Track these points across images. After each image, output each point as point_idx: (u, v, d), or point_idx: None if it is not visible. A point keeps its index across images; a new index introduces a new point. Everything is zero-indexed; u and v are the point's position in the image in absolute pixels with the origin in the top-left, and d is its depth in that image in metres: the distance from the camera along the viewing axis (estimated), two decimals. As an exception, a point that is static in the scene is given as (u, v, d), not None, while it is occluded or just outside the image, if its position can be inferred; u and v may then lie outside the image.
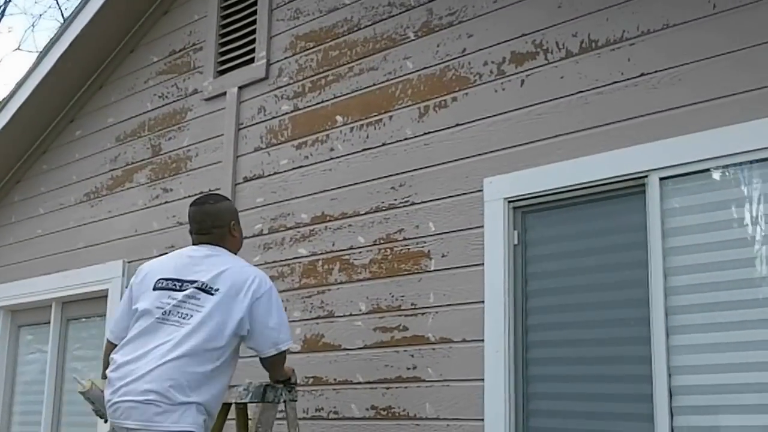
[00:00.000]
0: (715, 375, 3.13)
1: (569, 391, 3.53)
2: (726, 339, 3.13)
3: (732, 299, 3.14)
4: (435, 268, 4.01)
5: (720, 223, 3.23)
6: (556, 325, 3.61)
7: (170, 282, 3.49)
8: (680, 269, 3.28)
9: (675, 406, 3.19)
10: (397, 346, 4.08)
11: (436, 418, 3.86)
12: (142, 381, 3.25)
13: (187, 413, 3.27)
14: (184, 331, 3.34)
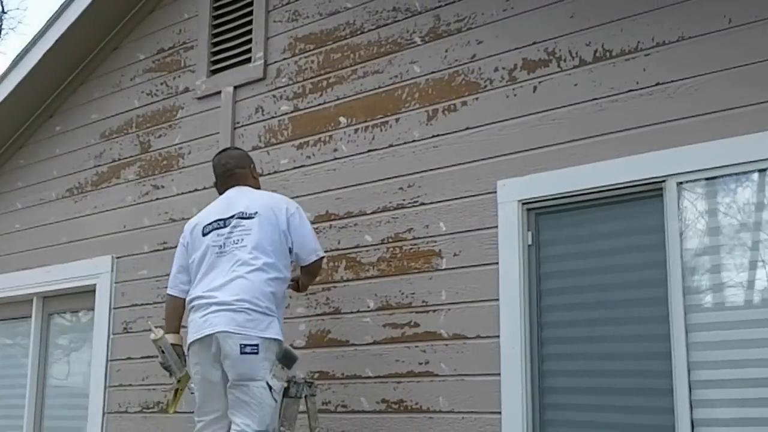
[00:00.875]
0: (734, 370, 3.18)
1: (584, 385, 3.55)
2: (744, 336, 3.19)
3: (748, 299, 3.21)
4: (447, 267, 3.98)
5: (736, 226, 3.29)
6: (571, 322, 3.62)
7: (215, 223, 3.83)
8: (698, 270, 3.33)
9: (695, 399, 3.24)
10: (408, 342, 4.04)
11: (451, 411, 3.84)
12: (228, 295, 3.59)
13: (273, 324, 3.62)
14: (241, 253, 3.68)
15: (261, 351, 3.57)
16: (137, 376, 5.17)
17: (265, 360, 3.59)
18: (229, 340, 3.55)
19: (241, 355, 3.53)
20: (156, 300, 5.17)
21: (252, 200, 3.85)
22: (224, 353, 3.57)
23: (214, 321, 3.59)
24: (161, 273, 5.16)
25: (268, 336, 3.59)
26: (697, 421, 3.23)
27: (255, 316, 3.58)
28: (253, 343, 3.55)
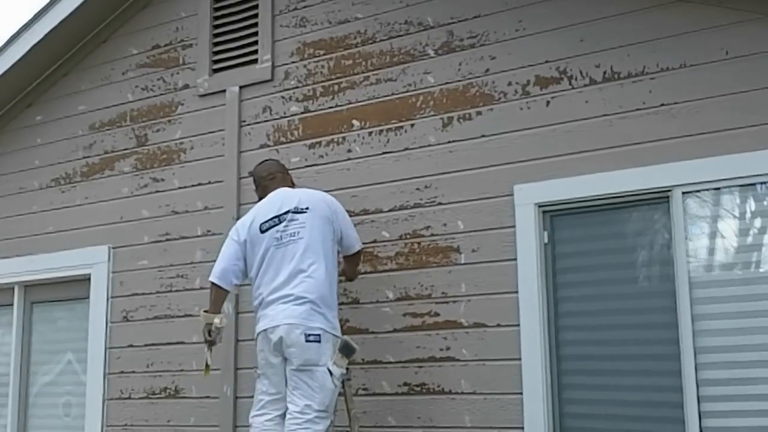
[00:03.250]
0: (736, 354, 3.80)
1: (598, 368, 4.11)
2: (745, 324, 3.80)
3: (748, 293, 3.83)
4: (466, 262, 4.45)
5: (735, 230, 3.91)
6: (585, 313, 4.17)
7: (271, 220, 4.27)
8: (702, 267, 3.94)
9: (701, 378, 3.84)
10: (428, 330, 4.50)
11: (473, 392, 4.33)
12: (291, 290, 4.07)
13: (332, 316, 4.12)
14: (300, 245, 4.15)
15: (323, 340, 4.02)
16: (141, 363, 5.43)
17: (327, 348, 4.03)
18: (296, 330, 4.00)
19: (306, 342, 3.99)
20: (159, 289, 5.44)
21: (301, 197, 4.31)
22: (290, 342, 4.00)
23: (282, 314, 4.06)
24: (164, 263, 5.45)
25: (327, 329, 4.06)
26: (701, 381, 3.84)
27: (317, 309, 4.06)
28: (315, 333, 4.01)
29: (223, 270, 4.31)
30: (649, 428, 3.94)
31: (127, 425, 5.41)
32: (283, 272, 4.14)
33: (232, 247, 4.34)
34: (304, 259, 4.13)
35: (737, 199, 3.94)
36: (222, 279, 4.30)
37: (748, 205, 3.92)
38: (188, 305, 5.31)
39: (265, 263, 4.20)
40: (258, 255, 4.24)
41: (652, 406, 3.95)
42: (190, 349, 5.25)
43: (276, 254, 4.18)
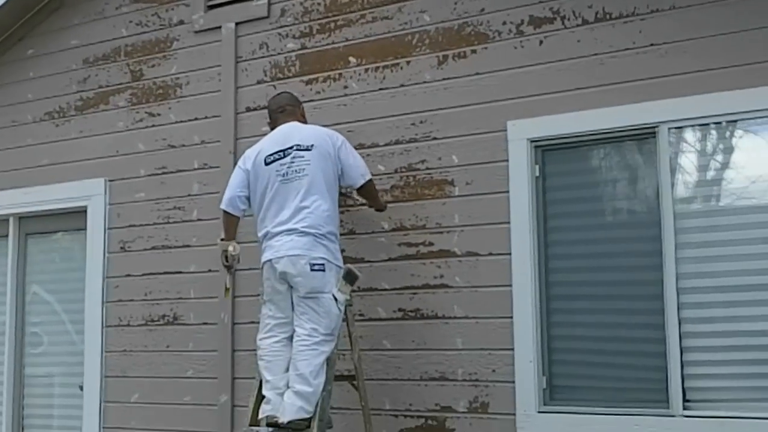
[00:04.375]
0: (716, 279, 3.98)
1: (585, 293, 4.27)
2: (725, 252, 3.98)
3: (728, 223, 4.00)
4: (459, 194, 4.56)
5: (717, 165, 4.06)
6: (573, 241, 4.32)
7: (276, 154, 4.32)
8: (686, 199, 4.10)
9: (682, 302, 4.02)
10: (423, 259, 4.62)
11: (465, 317, 4.47)
12: (296, 224, 4.15)
13: (334, 248, 4.23)
14: (304, 182, 4.21)
15: (327, 269, 4.14)
16: (139, 291, 5.49)
17: (331, 276, 4.15)
18: (301, 260, 4.11)
19: (311, 272, 4.10)
20: (156, 221, 5.49)
21: (307, 133, 4.35)
22: (296, 272, 4.11)
23: (287, 246, 4.16)
24: (161, 196, 5.49)
25: (331, 259, 4.17)
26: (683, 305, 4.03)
27: (319, 240, 4.17)
28: (319, 263, 4.12)
29: (230, 198, 4.39)
30: (633, 348, 4.12)
31: (126, 350, 5.49)
32: (288, 207, 4.21)
33: (239, 175, 4.41)
34: (308, 196, 4.21)
35: (720, 135, 4.09)
36: (230, 206, 4.38)
37: (730, 141, 4.07)
38: (186, 236, 5.37)
39: (270, 197, 4.27)
40: (262, 187, 4.30)
41: (637, 327, 4.12)
42: (188, 278, 5.33)
43: (281, 190, 4.25)
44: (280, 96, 4.70)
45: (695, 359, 3.97)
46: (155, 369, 5.38)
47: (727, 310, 3.95)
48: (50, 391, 5.96)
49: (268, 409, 4.18)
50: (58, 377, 5.93)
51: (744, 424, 3.79)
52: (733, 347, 3.92)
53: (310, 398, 4.09)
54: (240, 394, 5.02)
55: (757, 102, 3.93)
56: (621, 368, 4.15)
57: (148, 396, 5.38)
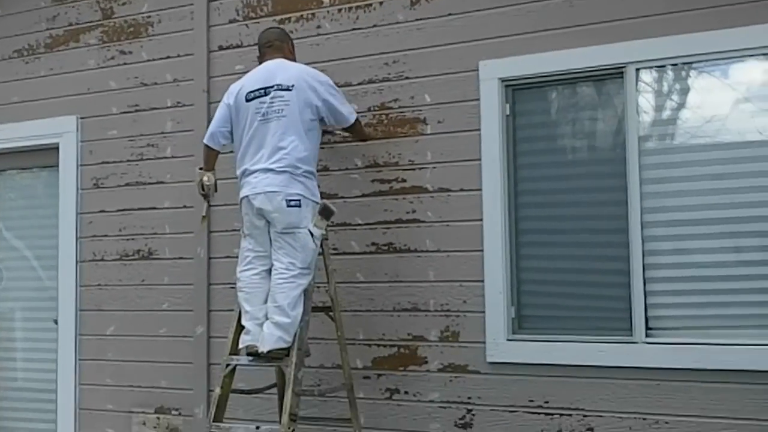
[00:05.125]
0: (678, 213, 4.05)
1: (554, 227, 4.32)
2: (686, 188, 4.05)
3: (690, 159, 4.07)
4: (432, 132, 4.55)
5: (681, 104, 4.11)
6: (542, 178, 4.35)
7: (257, 91, 4.23)
8: (651, 137, 4.15)
9: (646, 235, 4.09)
10: (395, 195, 4.62)
11: (437, 250, 4.50)
12: (273, 162, 4.10)
13: (311, 185, 4.18)
14: (282, 122, 4.14)
15: (303, 205, 4.10)
16: (113, 227, 5.41)
17: (307, 212, 4.13)
18: (277, 197, 4.07)
19: (288, 207, 4.06)
20: (130, 158, 5.38)
21: (290, 73, 4.24)
22: (273, 208, 4.07)
23: (263, 183, 4.11)
24: (134, 133, 5.39)
25: (307, 195, 4.14)
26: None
27: (295, 178, 4.12)
28: (295, 199, 4.09)
29: (212, 133, 4.34)
30: (598, 279, 4.20)
31: (101, 285, 5.43)
32: (266, 147, 4.15)
33: (222, 110, 4.34)
34: (285, 137, 4.14)
35: (685, 75, 4.13)
36: (211, 140, 4.33)
37: (694, 81, 4.11)
38: (160, 173, 5.28)
39: (249, 136, 4.20)
40: (242, 124, 4.24)
41: (602, 260, 4.19)
42: (162, 214, 5.26)
43: (260, 129, 4.18)
44: (269, 31, 4.57)
45: (657, 289, 4.06)
46: (130, 302, 5.33)
47: (687, 243, 4.04)
48: (23, 325, 5.88)
49: (248, 339, 4.18)
50: (28, 312, 5.85)
51: (702, 350, 3.90)
52: (693, 278, 4.01)
53: (288, 329, 4.09)
54: (216, 325, 5.02)
55: (722, 43, 3.97)
56: (587, 298, 4.23)
57: (124, 329, 5.34)
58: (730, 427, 3.83)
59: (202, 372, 5.05)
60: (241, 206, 4.23)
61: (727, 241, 3.95)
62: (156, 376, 5.22)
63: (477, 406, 4.36)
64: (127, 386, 5.30)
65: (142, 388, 5.26)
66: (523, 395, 4.26)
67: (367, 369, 4.62)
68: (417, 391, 4.50)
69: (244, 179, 4.21)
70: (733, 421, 3.83)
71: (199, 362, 5.06)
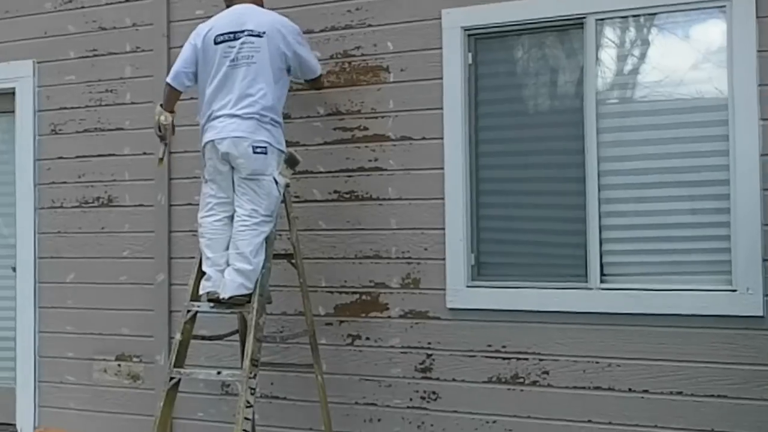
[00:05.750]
0: (634, 162, 4.15)
1: (514, 176, 4.38)
2: (643, 137, 4.14)
3: (646, 109, 4.16)
4: (394, 80, 4.57)
5: (640, 57, 4.18)
6: (503, 126, 4.41)
7: (227, 35, 4.19)
8: (609, 89, 4.23)
9: (602, 184, 4.18)
10: (358, 143, 4.64)
11: (399, 198, 4.55)
12: (240, 108, 4.09)
13: (278, 133, 4.18)
14: (252, 69, 4.13)
15: (269, 152, 4.11)
16: (72, 174, 5.37)
17: (272, 160, 4.14)
18: (243, 142, 4.07)
19: (254, 154, 4.07)
20: (88, 104, 5.32)
21: (261, 20, 4.21)
22: (238, 153, 4.07)
23: (230, 128, 4.10)
24: (92, 79, 5.32)
25: (273, 143, 4.15)
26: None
27: (262, 125, 4.13)
28: (262, 146, 4.09)
29: (176, 72, 4.28)
30: (555, 227, 4.29)
31: (60, 232, 5.40)
32: (233, 92, 4.13)
33: (188, 50, 4.29)
34: (254, 84, 4.13)
35: (644, 27, 4.19)
36: (175, 81, 4.28)
37: (655, 34, 4.17)
38: (119, 119, 5.24)
39: (217, 80, 4.16)
40: (209, 67, 4.20)
41: (560, 208, 4.28)
42: (122, 160, 5.23)
43: (228, 74, 4.15)
44: None
45: (612, 237, 4.17)
46: (90, 250, 5.32)
47: (641, 192, 4.13)
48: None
49: (209, 286, 4.21)
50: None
51: (654, 296, 4.03)
52: (646, 226, 4.12)
53: (250, 275, 4.13)
54: (177, 273, 5.04)
55: (682, -6, 4.04)
56: (544, 246, 4.32)
57: (84, 276, 5.33)
58: (679, 369, 3.98)
59: (163, 319, 5.08)
60: (204, 151, 4.22)
61: (681, 189, 4.06)
62: (117, 324, 5.24)
63: (437, 351, 4.46)
64: (88, 334, 5.32)
65: (103, 336, 5.28)
66: (481, 340, 4.36)
67: (329, 316, 4.69)
68: (378, 337, 4.58)
69: (208, 123, 4.20)
70: (682, 364, 3.97)
71: (160, 310, 5.09)
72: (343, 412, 4.60)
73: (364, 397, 4.59)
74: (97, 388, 5.29)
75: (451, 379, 4.41)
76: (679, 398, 3.97)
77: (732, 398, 3.87)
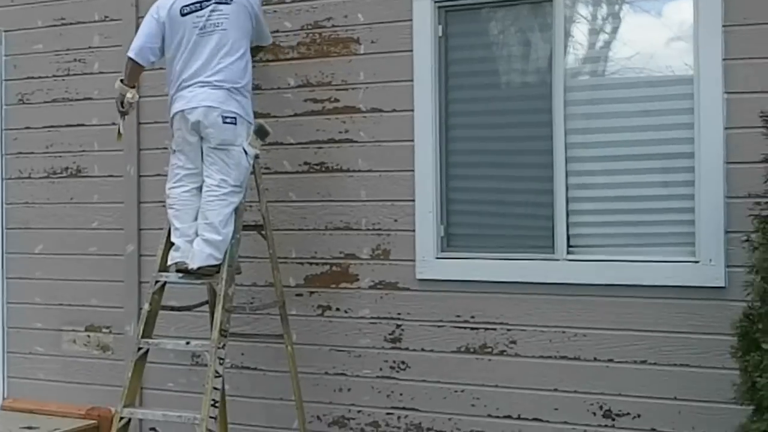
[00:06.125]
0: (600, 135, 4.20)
1: (483, 148, 4.43)
2: (610, 110, 4.20)
3: (613, 82, 4.23)
4: (365, 52, 4.58)
5: (609, 34, 4.24)
6: (472, 99, 4.45)
7: (193, 5, 4.19)
8: (578, 58, 4.30)
9: (569, 156, 4.23)
10: (328, 115, 4.66)
11: (369, 170, 4.58)
12: (211, 77, 4.10)
13: (247, 103, 4.20)
14: (221, 36, 4.14)
15: (238, 123, 4.12)
16: (40, 144, 5.34)
17: (242, 130, 4.15)
18: (213, 112, 4.08)
19: (224, 124, 4.08)
20: (56, 73, 5.30)
21: None
22: (208, 123, 4.08)
23: (200, 97, 4.10)
24: (60, 48, 5.30)
25: (242, 114, 4.16)
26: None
27: (232, 95, 4.14)
28: (232, 116, 4.10)
29: (141, 47, 4.25)
30: (523, 199, 4.35)
31: (28, 202, 5.38)
32: (203, 60, 4.13)
33: (151, 24, 4.25)
34: (224, 53, 4.13)
35: (614, 2, 4.22)
36: (139, 56, 4.24)
37: (623, 8, 4.21)
38: (87, 89, 5.21)
39: (187, 51, 4.15)
40: (177, 39, 4.18)
41: (527, 180, 4.33)
42: (90, 131, 5.20)
43: (199, 42, 4.14)
44: None
45: (579, 209, 4.22)
46: (59, 221, 5.30)
47: (608, 164, 4.18)
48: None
49: (177, 256, 4.22)
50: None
51: (620, 267, 4.09)
52: (612, 198, 4.18)
53: (219, 246, 4.15)
54: (147, 244, 5.04)
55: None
56: (512, 217, 4.38)
57: (53, 247, 5.32)
58: (642, 339, 4.06)
59: (133, 290, 5.09)
60: (173, 121, 4.22)
61: (647, 163, 4.11)
62: (86, 295, 5.24)
63: (406, 322, 4.51)
64: (57, 304, 5.32)
65: (72, 307, 5.28)
66: (450, 311, 4.42)
67: (299, 287, 4.72)
68: (348, 308, 4.62)
69: (177, 93, 4.18)
70: (646, 334, 4.05)
71: (130, 280, 5.10)
72: (313, 382, 4.65)
73: (333, 367, 4.64)
74: (66, 359, 5.30)
75: (420, 349, 4.47)
76: (643, 367, 4.06)
77: (694, 367, 3.96)
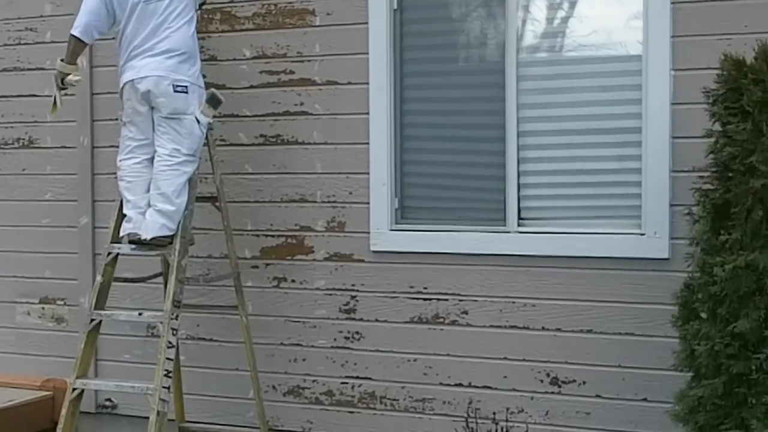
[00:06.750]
0: (551, 110, 4.28)
1: (436, 122, 4.50)
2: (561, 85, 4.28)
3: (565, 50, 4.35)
4: (320, 24, 4.61)
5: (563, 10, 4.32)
6: (427, 72, 4.51)
7: None
8: (530, 33, 4.37)
9: (521, 131, 4.32)
10: (284, 87, 4.69)
11: (325, 143, 4.62)
12: (161, 45, 4.09)
13: (197, 71, 4.22)
14: (168, 4, 4.13)
15: (190, 91, 4.14)
16: (-11, 114, 5.31)
17: (194, 99, 4.17)
18: (164, 81, 4.09)
19: (175, 93, 4.09)
20: (7, 42, 5.31)
21: None
22: (159, 92, 4.09)
23: (150, 66, 4.11)
24: (11, 16, 5.34)
25: (193, 81, 4.19)
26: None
27: (183, 62, 4.15)
28: (183, 84, 4.11)
29: (85, 24, 4.19)
30: (476, 173, 4.43)
31: (-22, 175, 5.36)
32: (151, 28, 4.13)
33: (95, 1, 4.19)
34: (171, 16, 4.14)
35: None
36: (84, 33, 4.19)
37: (574, -16, 4.31)
38: (39, 59, 5.17)
39: (133, 20, 4.15)
40: (124, 8, 4.16)
41: (480, 154, 4.42)
42: (43, 101, 5.13)
43: (145, 10, 4.14)
44: None
45: (530, 182, 4.32)
46: (11, 192, 5.28)
47: (558, 138, 4.27)
48: None
49: (130, 227, 4.23)
50: None
51: (569, 239, 4.21)
52: (562, 171, 4.27)
53: (172, 216, 4.17)
54: (101, 216, 5.04)
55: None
56: (465, 190, 4.46)
57: (5, 219, 5.30)
58: (589, 308, 4.18)
59: (87, 262, 5.10)
60: (123, 92, 4.22)
61: (596, 137, 4.21)
62: (40, 267, 5.24)
63: (361, 293, 4.59)
64: (10, 276, 5.31)
65: (26, 279, 5.28)
66: (403, 282, 4.51)
67: (255, 259, 4.77)
68: (303, 279, 4.69)
69: (127, 63, 4.18)
70: (593, 304, 4.17)
71: (84, 252, 5.11)
72: (268, 353, 4.71)
73: (289, 338, 4.71)
74: (20, 331, 5.30)
75: (374, 320, 4.56)
76: (589, 336, 4.19)
77: (638, 335, 4.10)
